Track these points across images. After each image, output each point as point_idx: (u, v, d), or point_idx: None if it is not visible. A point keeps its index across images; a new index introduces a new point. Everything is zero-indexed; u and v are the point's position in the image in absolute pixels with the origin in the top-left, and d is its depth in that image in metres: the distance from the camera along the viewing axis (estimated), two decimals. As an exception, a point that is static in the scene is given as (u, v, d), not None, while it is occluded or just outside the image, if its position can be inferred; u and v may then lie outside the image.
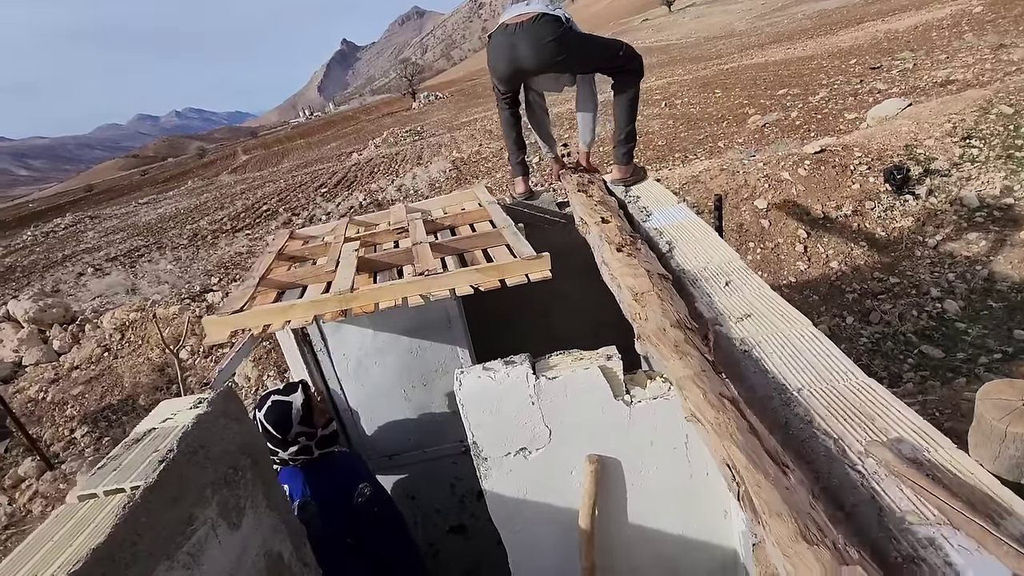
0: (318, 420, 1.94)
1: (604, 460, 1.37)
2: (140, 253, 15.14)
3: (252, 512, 1.41)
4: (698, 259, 1.64)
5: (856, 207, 5.28)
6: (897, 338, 4.18)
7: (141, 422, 1.40)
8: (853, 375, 1.02)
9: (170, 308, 6.71)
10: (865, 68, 12.69)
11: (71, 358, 6.61)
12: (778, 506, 0.73)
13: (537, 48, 2.23)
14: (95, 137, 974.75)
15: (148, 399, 5.69)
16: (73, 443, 5.48)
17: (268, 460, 1.58)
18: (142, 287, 10.87)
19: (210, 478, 1.29)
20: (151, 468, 1.17)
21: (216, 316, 1.76)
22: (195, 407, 1.38)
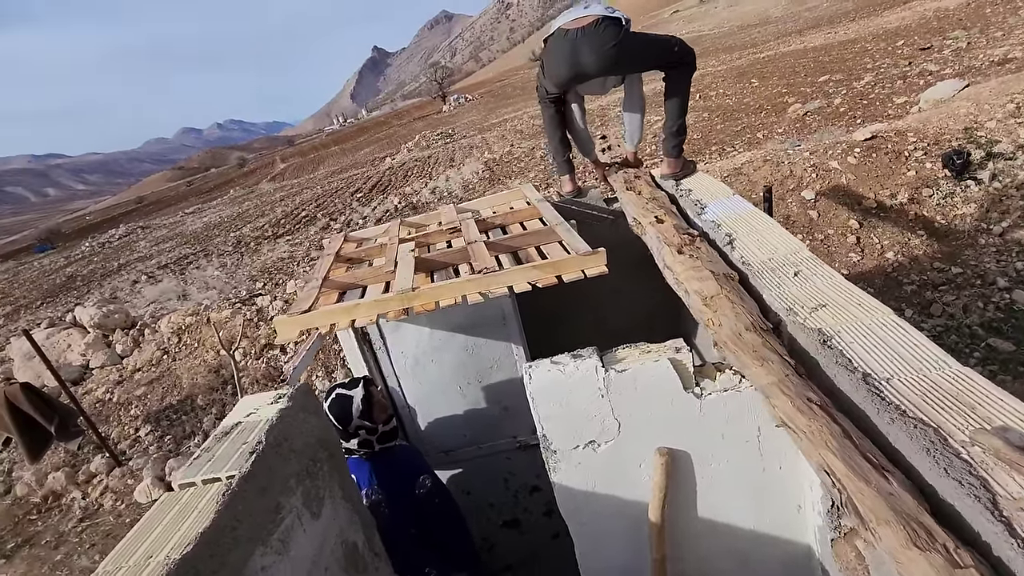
0: (378, 416, 1.99)
1: (674, 453, 1.37)
2: (189, 260, 15.80)
3: (330, 502, 1.47)
4: (762, 251, 1.62)
5: (912, 195, 5.06)
6: (962, 331, 3.99)
7: (226, 417, 1.47)
8: (946, 364, 0.99)
9: (222, 312, 6.98)
10: (914, 49, 12.15)
11: (133, 361, 6.96)
12: (885, 514, 0.73)
13: (600, 54, 2.22)
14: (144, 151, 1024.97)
15: (205, 399, 5.94)
16: (138, 441, 5.77)
17: (342, 453, 1.64)
18: (192, 293, 11.35)
19: (294, 469, 1.35)
20: (243, 459, 1.24)
21: (286, 316, 1.83)
22: (275, 402, 1.45)
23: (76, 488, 5.22)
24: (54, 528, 4.82)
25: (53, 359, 7.01)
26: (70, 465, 5.51)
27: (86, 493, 5.15)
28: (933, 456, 0.79)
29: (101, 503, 5.01)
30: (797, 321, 1.25)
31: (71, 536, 4.69)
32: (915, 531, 0.68)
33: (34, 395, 4.76)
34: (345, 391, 1.97)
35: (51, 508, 5.09)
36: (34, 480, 5.38)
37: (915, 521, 0.69)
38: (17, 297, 17.74)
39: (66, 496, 5.17)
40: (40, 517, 5.01)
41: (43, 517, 5.00)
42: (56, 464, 5.50)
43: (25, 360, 7.18)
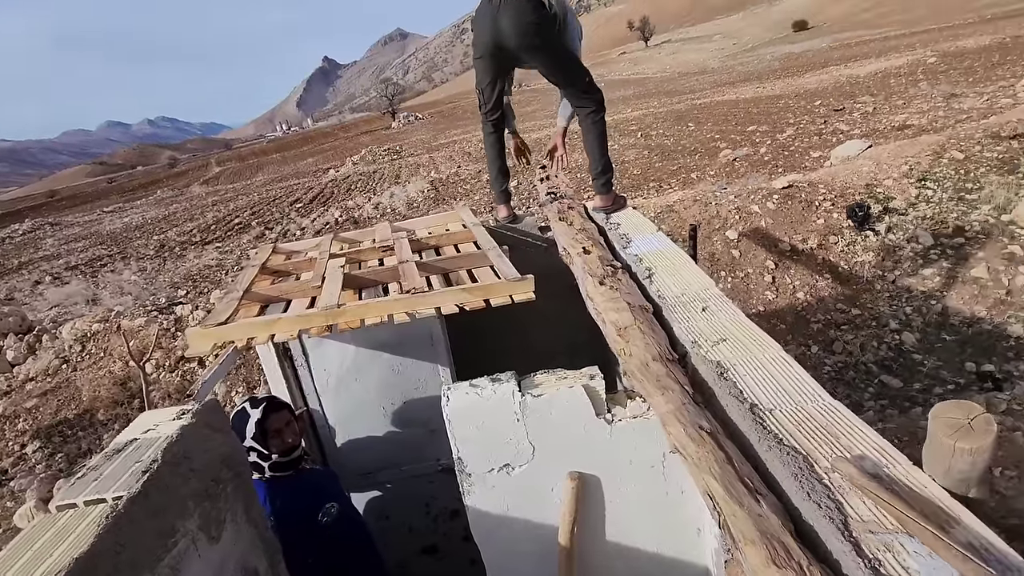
0: (274, 444, 1.88)
1: (585, 477, 1.42)
2: (103, 263, 14.66)
3: (232, 526, 1.40)
4: (677, 286, 1.72)
5: (821, 241, 5.53)
6: (859, 368, 4.36)
7: (121, 433, 1.38)
8: (820, 397, 1.09)
9: (135, 320, 6.51)
10: (829, 109, 13.37)
11: (26, 369, 6.32)
12: (751, 534, 0.79)
13: (519, 25, 2.22)
14: (61, 142, 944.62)
15: (108, 413, 5.48)
16: (24, 459, 5.22)
17: (249, 474, 1.57)
18: (104, 298, 10.52)
19: (193, 490, 1.28)
20: (134, 478, 1.17)
21: (200, 328, 1.75)
22: (178, 418, 1.38)
23: (-58, 511, 4.63)
24: (-90, 557, 4.24)
25: (-72, 364, 6.27)
26: (-62, 485, 4.89)
27: (-46, 517, 4.58)
28: (800, 481, 0.87)
29: (-28, 528, 4.47)
30: (700, 353, 1.34)
31: (-70, 566, 4.14)
32: (775, 550, 0.74)
33: (-101, 404, 4.21)
34: (247, 407, 1.89)
35: (-91, 534, 4.48)
36: None
37: (776, 540, 0.76)
38: None
39: (-71, 520, 4.57)
40: None
41: None
42: (-80, 483, 4.87)
43: None
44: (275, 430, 1.88)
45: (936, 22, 35.25)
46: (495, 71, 2.49)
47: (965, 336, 4.49)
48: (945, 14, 38.59)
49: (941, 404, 0.81)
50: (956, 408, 0.80)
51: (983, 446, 0.74)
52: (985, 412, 0.77)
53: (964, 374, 4.14)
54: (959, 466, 0.76)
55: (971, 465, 0.75)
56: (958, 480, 0.78)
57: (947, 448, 0.76)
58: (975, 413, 0.77)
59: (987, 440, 0.74)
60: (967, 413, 0.78)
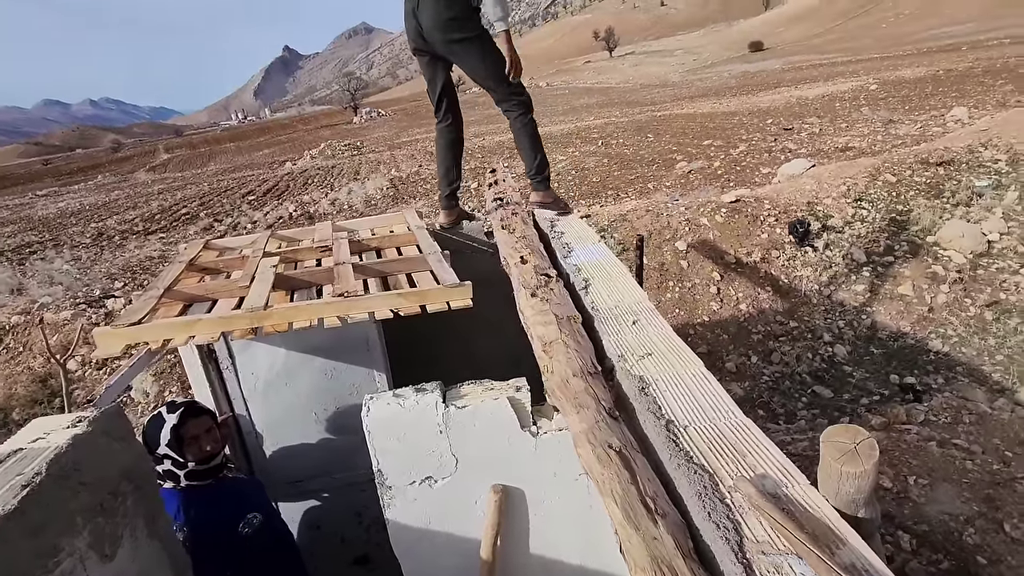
0: (191, 452, 1.79)
1: (508, 490, 1.40)
2: (32, 250, 13.72)
3: (130, 542, 1.31)
4: (611, 297, 1.73)
5: (764, 255, 5.74)
6: (794, 378, 4.54)
7: (7, 441, 1.27)
8: (734, 414, 1.11)
9: (61, 313, 6.11)
10: (779, 128, 13.95)
11: (-67, 363, 5.82)
12: (642, 561, 0.80)
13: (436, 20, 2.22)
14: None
15: (24, 413, 5.11)
16: (-75, 461, 4.80)
17: (155, 486, 1.48)
18: (31, 287, 9.82)
19: (83, 504, 1.19)
20: (11, 493, 1.07)
21: (110, 328, 1.64)
22: (73, 426, 1.27)
23: None
24: None
25: None
26: None
27: None
28: (703, 500, 0.88)
29: None
30: (625, 368, 1.34)
31: None
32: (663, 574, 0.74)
33: None
34: (163, 412, 1.79)
35: None
36: None
37: (667, 566, 0.76)
38: None
39: None
40: None
41: None
42: None
43: None
44: (192, 437, 1.78)
45: (879, 51, 37.46)
46: (431, 69, 2.48)
47: (891, 350, 4.74)
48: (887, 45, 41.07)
49: (831, 428, 0.83)
50: (844, 432, 0.82)
51: (866, 470, 0.76)
52: (870, 437, 0.80)
53: (889, 385, 4.38)
54: (847, 488, 0.78)
55: (857, 488, 0.77)
56: (847, 501, 0.81)
57: (835, 471, 0.78)
58: (861, 438, 0.79)
59: (870, 464, 0.76)
60: (854, 437, 0.80)
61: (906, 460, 2.86)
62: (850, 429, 0.82)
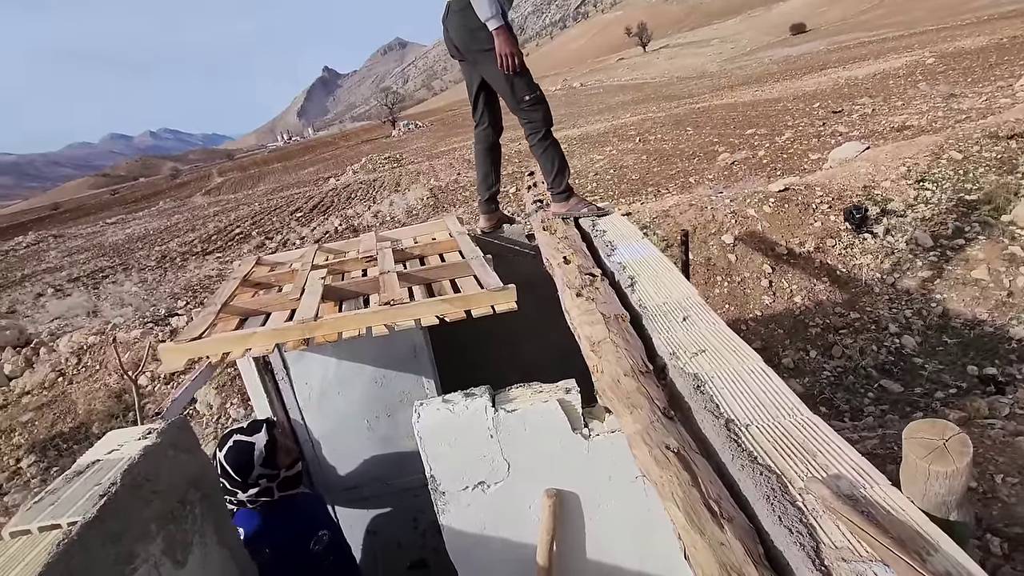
0: (282, 460, 1.84)
1: (562, 494, 1.37)
2: (104, 274, 14.69)
3: (200, 548, 1.36)
4: (658, 295, 1.68)
5: (818, 244, 5.47)
6: (858, 372, 4.30)
7: (85, 453, 1.34)
8: (799, 411, 1.05)
9: (132, 332, 6.49)
10: (827, 111, 13.34)
11: (23, 383, 6.30)
12: (710, 568, 0.75)
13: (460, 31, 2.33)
14: (64, 155, 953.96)
15: (102, 427, 5.45)
16: (18, 473, 5.18)
17: (220, 494, 1.53)
18: (104, 309, 10.51)
19: (156, 512, 1.24)
20: (91, 503, 1.13)
21: (173, 343, 1.72)
22: (143, 438, 1.34)
23: (-65, 528, 4.60)
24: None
25: (-76, 379, 6.26)
26: (-69, 501, 4.86)
27: (-53, 533, 4.54)
28: (771, 503, 0.83)
29: (-36, 545, 4.43)
30: (678, 366, 1.30)
31: (-78, 584, 4.11)
32: None
33: None
34: (245, 438, 1.80)
35: (-99, 551, 4.45)
36: None
37: (737, 572, 0.71)
38: None
39: (-79, 537, 4.54)
40: None
41: None
42: (-86, 499, 4.84)
43: None
44: (282, 445, 1.84)
45: (934, 23, 35.27)
46: (468, 74, 2.54)
47: (967, 339, 4.42)
48: (943, 15, 38.63)
49: (915, 423, 0.76)
50: (930, 428, 0.75)
51: (959, 469, 0.70)
52: (961, 433, 0.73)
53: (966, 377, 4.07)
54: (936, 489, 0.72)
55: (948, 489, 0.71)
56: (937, 503, 0.74)
57: (922, 471, 0.72)
58: (950, 434, 0.72)
59: (963, 463, 0.70)
60: (942, 433, 0.73)
61: (991, 457, 2.65)
62: (937, 424, 0.75)
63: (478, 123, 2.71)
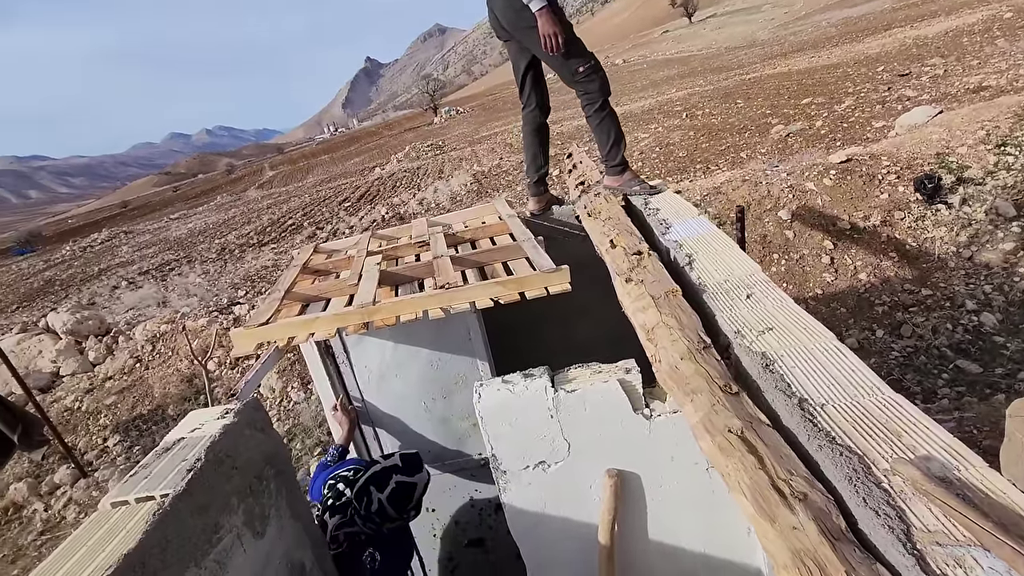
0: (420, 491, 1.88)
1: (624, 474, 1.36)
2: (171, 267, 15.59)
3: (276, 521, 1.44)
4: (719, 272, 1.63)
5: (885, 217, 5.16)
6: (931, 352, 4.05)
7: (171, 432, 1.44)
8: (879, 390, 0.99)
9: (199, 320, 6.88)
10: (893, 75, 12.46)
11: (105, 369, 6.81)
12: (783, 556, 0.73)
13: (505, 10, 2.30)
14: (130, 155, 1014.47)
15: (176, 409, 5.82)
16: (106, 451, 5.63)
17: (292, 470, 1.61)
18: (172, 300, 11.19)
19: (236, 487, 1.32)
20: (179, 476, 1.21)
21: (243, 328, 1.81)
22: (222, 417, 1.42)
23: (38, 499, 5.07)
24: (12, 541, 4.67)
25: (22, 366, 6.84)
26: (33, 476, 5.35)
27: (48, 505, 5.00)
28: (855, 484, 0.79)
29: (63, 515, 4.87)
30: (744, 344, 1.25)
31: (30, 550, 4.54)
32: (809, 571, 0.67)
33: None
34: (406, 479, 1.79)
35: (11, 520, 4.93)
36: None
37: (811, 558, 0.69)
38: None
39: (27, 507, 5.02)
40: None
41: (2, 529, 4.84)
42: (19, 474, 5.34)
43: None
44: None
45: (1015, -29, 32.09)
46: (514, 54, 2.50)
47: (1055, 315, 4.09)
48: (1026, -39, 35.07)
49: (1020, 400, 0.71)
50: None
51: (1073, 448, 0.64)
52: (1075, 409, 0.67)
53: (1054, 357, 3.77)
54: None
55: (1058, 470, 0.66)
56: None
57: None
58: (1062, 410, 0.67)
59: (1078, 442, 0.64)
60: (1052, 410, 0.68)
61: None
62: (1046, 401, 0.70)
63: (525, 104, 2.68)
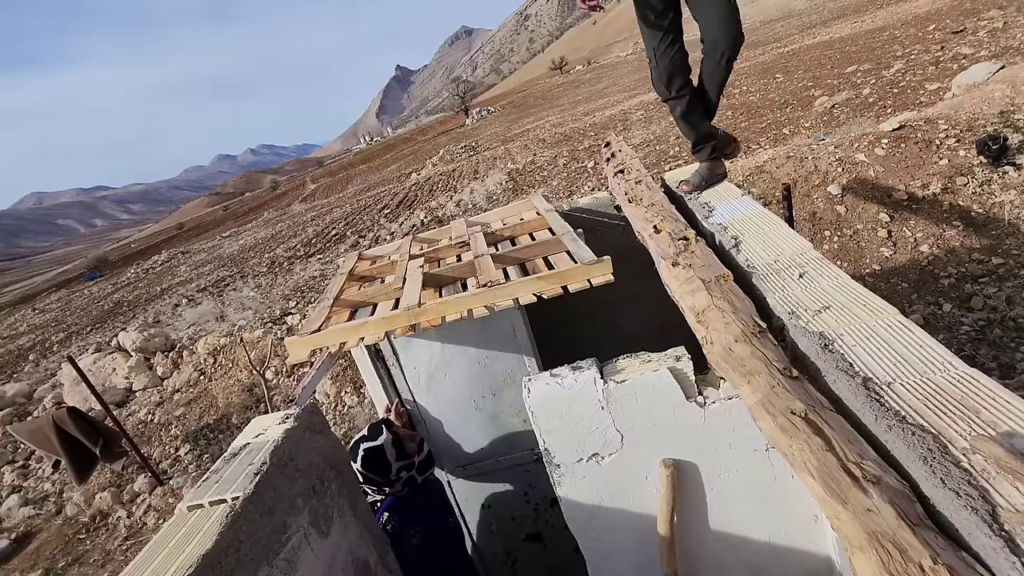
0: (411, 449, 2.00)
1: (680, 464, 1.34)
2: (226, 283, 16.34)
3: (339, 521, 1.49)
4: (768, 252, 1.57)
5: (946, 184, 4.85)
6: (1006, 324, 3.78)
7: (237, 438, 1.51)
8: (952, 365, 0.94)
9: (255, 332, 7.19)
10: (946, 33, 11.70)
11: (172, 382, 7.22)
12: (858, 539, 0.69)
13: None
14: (182, 179, 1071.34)
15: (240, 417, 6.11)
16: (178, 460, 5.97)
17: (352, 471, 1.66)
18: (229, 314, 11.73)
19: (300, 489, 1.37)
20: (248, 480, 1.27)
21: (297, 337, 1.87)
22: (283, 422, 1.48)
23: (121, 507, 5.43)
24: (101, 547, 5.01)
25: (99, 383, 7.34)
26: (115, 485, 5.73)
27: (131, 512, 5.34)
28: (930, 465, 0.75)
29: (145, 521, 5.19)
30: (799, 325, 1.21)
31: (117, 554, 4.87)
32: (888, 554, 0.64)
33: (80, 419, 4.98)
34: (371, 443, 1.95)
35: (98, 527, 5.30)
36: (82, 500, 5.62)
37: (890, 540, 0.65)
38: (69, 324, 18.67)
39: (112, 515, 5.38)
40: (88, 536, 5.22)
41: (91, 536, 5.21)
42: (102, 484, 5.74)
43: (74, 384, 7.52)
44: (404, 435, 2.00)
45: (1081, -93, 29.47)
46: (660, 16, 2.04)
47: None
48: None
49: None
50: None
51: None
52: None
53: None
54: None
55: None
56: None
57: None
58: None
59: None
60: None
61: None
62: None
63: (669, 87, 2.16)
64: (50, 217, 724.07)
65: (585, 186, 11.35)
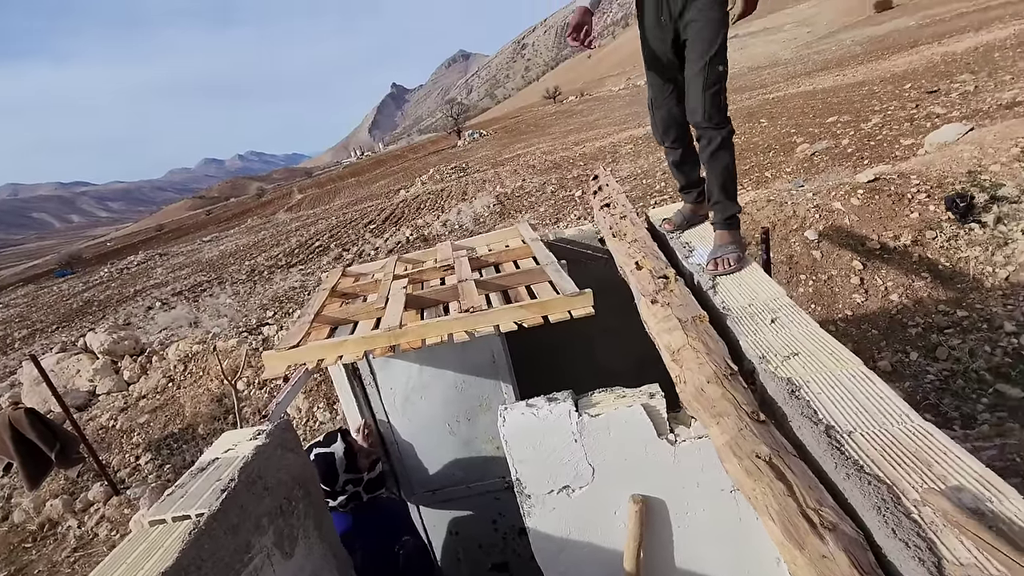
0: (362, 464, 1.99)
1: (649, 500, 1.36)
2: (203, 288, 16.04)
3: (304, 542, 1.47)
4: (743, 296, 1.63)
5: (916, 236, 5.04)
6: (969, 375, 3.91)
7: (205, 452, 1.49)
8: (908, 418, 0.98)
9: (229, 341, 7.05)
10: (921, 92, 12.28)
11: (139, 388, 7.01)
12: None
13: None
14: (167, 180, 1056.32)
15: (207, 428, 5.95)
16: (138, 469, 5.76)
17: (320, 491, 1.64)
18: (203, 320, 11.48)
19: (267, 508, 1.35)
20: (214, 496, 1.25)
21: (274, 351, 1.86)
22: (254, 439, 1.46)
23: (72, 516, 5.21)
24: (47, 557, 4.79)
25: (61, 384, 7.10)
26: (68, 493, 5.50)
27: (82, 522, 5.12)
28: (883, 514, 0.78)
29: (96, 532, 4.98)
30: (769, 369, 1.25)
31: (64, 566, 4.66)
32: None
33: (37, 421, 4.80)
34: (323, 449, 1.97)
35: (46, 536, 5.07)
36: (32, 507, 5.38)
37: None
38: (34, 321, 18.07)
39: (62, 524, 5.15)
40: (35, 545, 4.99)
41: (37, 545, 4.97)
42: (55, 491, 5.50)
43: (34, 384, 7.26)
44: (360, 449, 1.98)
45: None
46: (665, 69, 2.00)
47: (1102, 338, 3.91)
48: (1058, -25, 34.41)
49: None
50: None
51: (1109, 482, 0.63)
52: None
53: (1103, 382, 3.61)
54: (1080, 504, 0.65)
55: (1095, 503, 0.64)
56: (1081, 519, 0.67)
57: (1062, 483, 0.66)
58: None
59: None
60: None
61: None
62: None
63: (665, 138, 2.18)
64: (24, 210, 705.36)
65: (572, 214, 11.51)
